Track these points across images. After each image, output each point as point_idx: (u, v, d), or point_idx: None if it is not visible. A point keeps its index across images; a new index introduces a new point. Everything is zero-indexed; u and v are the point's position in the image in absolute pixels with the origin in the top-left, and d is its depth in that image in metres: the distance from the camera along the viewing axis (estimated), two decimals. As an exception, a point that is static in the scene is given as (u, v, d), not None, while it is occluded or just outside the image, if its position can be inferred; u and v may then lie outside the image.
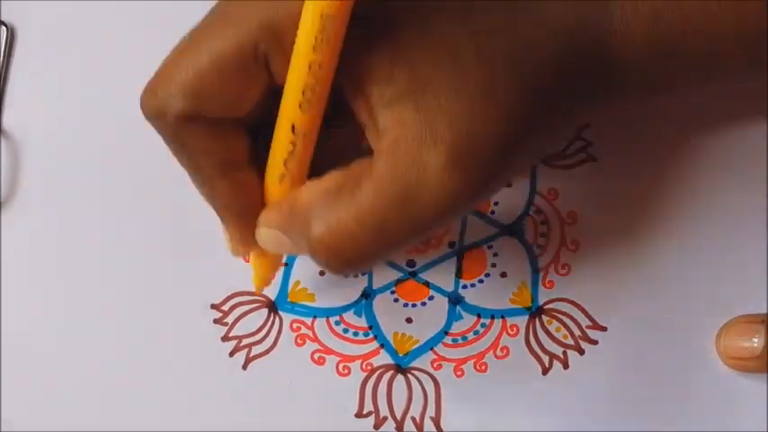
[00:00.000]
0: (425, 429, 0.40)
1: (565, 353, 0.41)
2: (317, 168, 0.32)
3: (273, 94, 0.31)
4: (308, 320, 0.40)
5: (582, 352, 0.41)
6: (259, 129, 0.32)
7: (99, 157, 0.41)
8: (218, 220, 0.34)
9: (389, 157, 0.29)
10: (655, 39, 0.32)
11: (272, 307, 0.40)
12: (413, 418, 0.40)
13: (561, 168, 0.41)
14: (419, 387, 0.40)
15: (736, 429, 0.40)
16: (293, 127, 0.30)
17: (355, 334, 0.40)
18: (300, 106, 0.29)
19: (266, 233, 0.33)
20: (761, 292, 0.41)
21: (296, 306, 0.41)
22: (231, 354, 0.40)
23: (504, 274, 0.41)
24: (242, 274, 0.40)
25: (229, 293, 0.40)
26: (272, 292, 0.40)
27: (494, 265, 0.41)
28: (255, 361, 0.40)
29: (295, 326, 0.40)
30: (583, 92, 0.33)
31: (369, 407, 0.40)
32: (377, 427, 0.40)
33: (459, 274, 0.41)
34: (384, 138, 0.29)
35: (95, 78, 0.42)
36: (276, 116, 0.31)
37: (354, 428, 0.40)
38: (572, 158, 0.41)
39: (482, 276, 0.41)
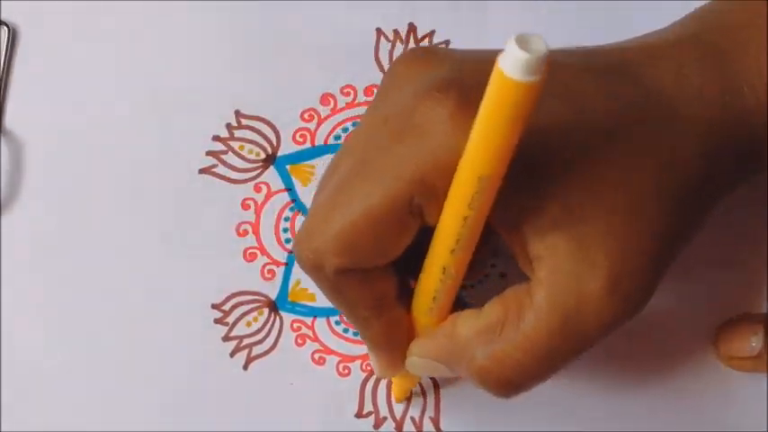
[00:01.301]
0: (425, 429, 0.40)
1: (564, 353, 0.41)
2: None
3: (420, 232, 0.31)
4: (309, 320, 0.40)
5: (581, 352, 0.41)
6: (401, 262, 0.32)
7: (100, 156, 0.41)
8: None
9: (548, 288, 0.30)
10: None
11: (273, 307, 0.41)
12: (412, 419, 0.40)
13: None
14: (419, 387, 0.40)
15: (737, 429, 0.40)
16: (444, 269, 0.31)
17: (355, 334, 0.40)
18: (453, 252, 0.30)
19: (420, 362, 0.34)
20: (761, 291, 0.41)
21: (296, 306, 0.41)
22: (232, 354, 0.40)
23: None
24: (242, 274, 0.40)
25: (230, 293, 0.40)
26: (272, 291, 0.41)
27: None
28: (256, 361, 0.40)
29: (295, 326, 0.40)
30: (728, 180, 0.34)
31: (369, 407, 0.40)
32: (377, 426, 0.40)
33: (459, 275, 0.41)
34: (540, 267, 0.30)
35: (96, 78, 0.42)
36: (419, 250, 0.32)
37: (354, 428, 0.40)
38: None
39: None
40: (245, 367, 0.40)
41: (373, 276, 0.32)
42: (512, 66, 0.24)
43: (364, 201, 0.29)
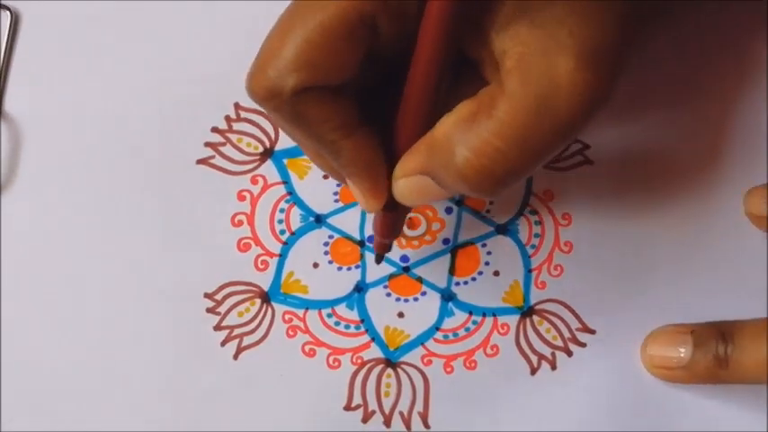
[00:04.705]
0: (413, 425, 0.40)
1: (553, 354, 0.41)
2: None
3: (370, 57, 0.32)
4: (301, 312, 0.41)
5: (570, 354, 0.41)
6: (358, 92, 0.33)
7: (98, 142, 0.41)
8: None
9: (518, 73, 0.30)
10: None
11: (265, 297, 0.41)
12: (401, 413, 0.40)
13: (557, 170, 0.41)
14: (408, 382, 0.40)
15: (736, 429, 0.40)
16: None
17: (347, 327, 0.41)
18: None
19: (406, 183, 0.33)
20: (760, 292, 0.41)
21: (289, 297, 0.41)
22: (223, 343, 0.40)
23: (496, 273, 0.41)
24: (235, 264, 0.41)
25: (223, 283, 0.41)
26: (265, 282, 0.41)
27: (487, 264, 0.41)
28: (246, 351, 0.40)
29: (287, 317, 0.41)
30: None
31: (357, 400, 0.40)
32: (365, 420, 0.40)
33: (452, 271, 0.41)
34: (506, 59, 0.30)
35: (97, 63, 0.42)
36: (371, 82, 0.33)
37: (342, 421, 0.40)
38: (568, 161, 0.41)
39: (475, 274, 0.41)
40: (236, 357, 0.40)
41: (334, 97, 0.32)
42: None
43: (318, 15, 0.30)
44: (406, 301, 0.41)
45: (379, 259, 0.40)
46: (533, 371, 0.41)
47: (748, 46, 0.42)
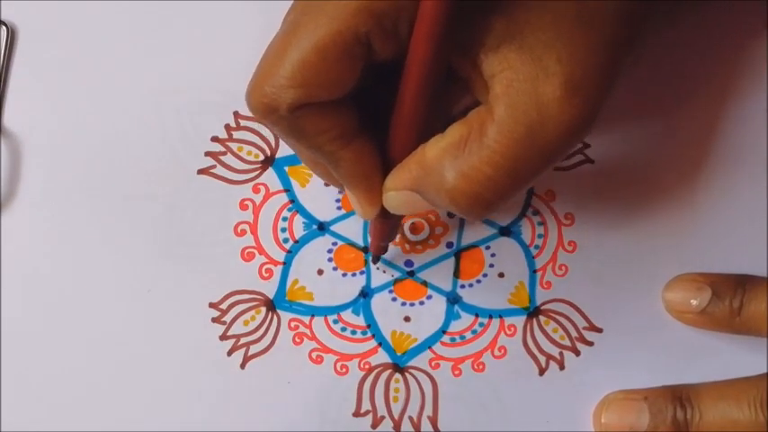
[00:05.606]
0: (423, 429, 0.40)
1: (561, 354, 0.41)
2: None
3: (369, 66, 0.32)
4: (307, 319, 0.41)
5: (578, 353, 0.41)
6: (357, 97, 0.33)
7: (99, 155, 0.41)
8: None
9: (507, 100, 0.30)
10: None
11: (271, 305, 0.41)
12: (410, 418, 0.40)
13: (558, 170, 0.41)
14: (417, 386, 0.40)
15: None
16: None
17: (353, 332, 0.40)
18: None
19: (395, 195, 0.34)
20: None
21: (294, 304, 0.41)
22: (229, 353, 0.40)
23: (501, 275, 0.41)
24: (240, 273, 0.41)
25: (228, 292, 0.40)
26: (270, 290, 0.41)
27: (491, 266, 0.41)
28: (254, 360, 0.40)
29: (293, 324, 0.40)
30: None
31: (366, 406, 0.40)
32: (374, 426, 0.40)
33: (457, 274, 0.41)
34: (496, 83, 0.31)
35: (95, 78, 0.42)
36: (370, 84, 0.33)
37: (352, 427, 0.40)
38: (569, 160, 0.42)
39: (480, 276, 0.41)
40: (243, 366, 0.40)
41: (330, 109, 0.32)
42: None
43: (313, 35, 0.30)
44: (412, 305, 0.41)
45: (375, 260, 0.41)
46: (542, 371, 0.41)
47: (748, 46, 0.42)
